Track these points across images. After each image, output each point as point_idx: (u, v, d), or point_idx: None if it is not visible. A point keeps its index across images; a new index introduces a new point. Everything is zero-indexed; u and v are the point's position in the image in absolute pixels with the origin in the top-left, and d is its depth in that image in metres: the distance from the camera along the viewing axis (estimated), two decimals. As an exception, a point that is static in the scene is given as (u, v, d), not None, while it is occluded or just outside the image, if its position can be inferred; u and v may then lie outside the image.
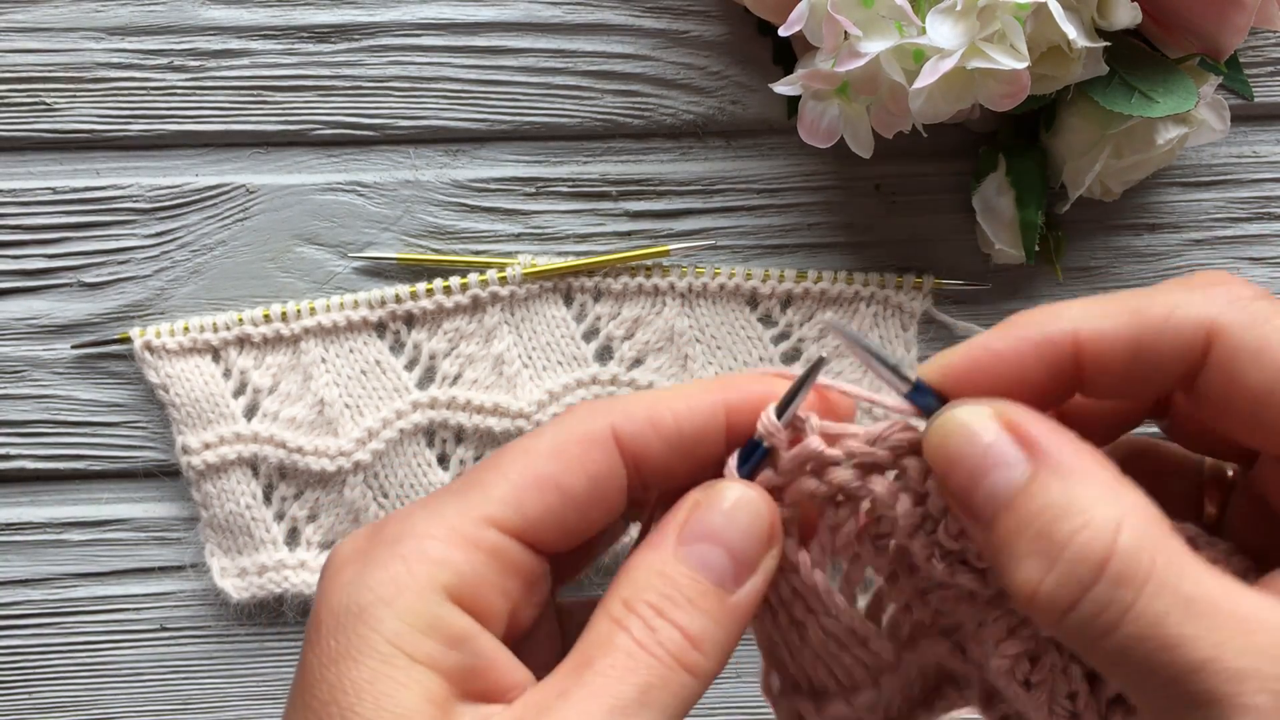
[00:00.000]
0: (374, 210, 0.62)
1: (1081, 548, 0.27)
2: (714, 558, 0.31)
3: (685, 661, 0.30)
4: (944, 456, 0.30)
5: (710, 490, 0.32)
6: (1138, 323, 0.29)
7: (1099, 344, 0.29)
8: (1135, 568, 0.26)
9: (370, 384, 0.62)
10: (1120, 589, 0.26)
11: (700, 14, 0.62)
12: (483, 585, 0.30)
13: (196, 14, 0.61)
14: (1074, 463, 0.28)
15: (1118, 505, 0.27)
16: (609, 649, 0.30)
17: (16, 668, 0.63)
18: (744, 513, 0.32)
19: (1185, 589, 0.26)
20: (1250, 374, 0.28)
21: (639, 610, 0.30)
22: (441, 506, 0.31)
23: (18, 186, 0.62)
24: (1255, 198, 0.64)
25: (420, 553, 0.30)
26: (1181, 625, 0.26)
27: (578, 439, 0.32)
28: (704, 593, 0.31)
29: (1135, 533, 0.27)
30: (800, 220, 0.63)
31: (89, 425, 0.63)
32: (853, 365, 0.63)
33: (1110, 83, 0.55)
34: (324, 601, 0.30)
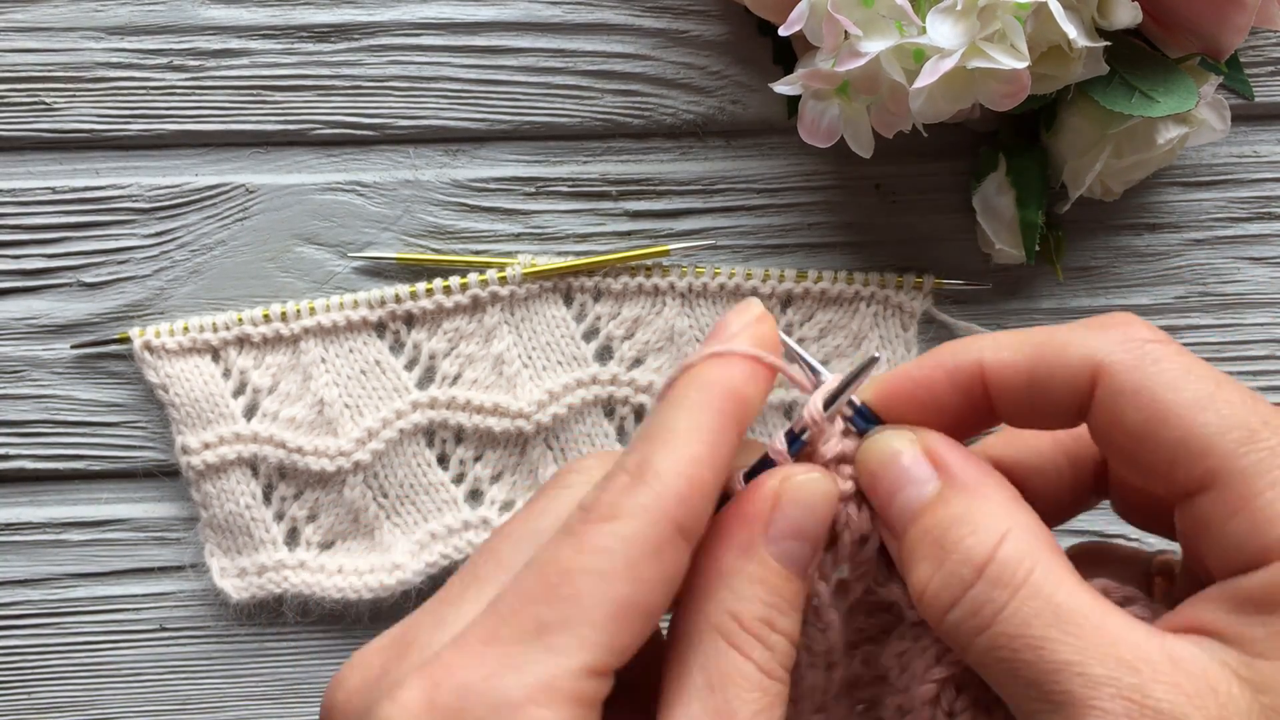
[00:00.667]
0: (374, 210, 0.62)
1: (966, 551, 0.29)
2: (800, 551, 0.31)
3: (791, 668, 0.31)
4: (869, 472, 0.32)
5: (788, 482, 0.32)
6: (1035, 356, 0.31)
7: (1000, 372, 0.31)
8: (1012, 573, 0.28)
9: (370, 384, 0.62)
10: (996, 590, 0.28)
11: (700, 14, 0.62)
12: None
13: (196, 14, 0.61)
14: (976, 483, 0.31)
15: (1007, 520, 0.29)
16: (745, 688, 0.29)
17: (16, 668, 0.63)
18: (823, 501, 0.32)
19: (1058, 599, 0.28)
20: (1128, 413, 0.29)
21: (754, 629, 0.30)
22: (526, 662, 0.27)
23: (17, 186, 0.62)
24: (1255, 198, 0.64)
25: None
26: (1048, 629, 0.27)
27: (648, 553, 0.29)
28: (796, 590, 0.31)
29: (1017, 544, 0.29)
30: (800, 220, 0.63)
31: (89, 425, 0.63)
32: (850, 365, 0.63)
33: (1110, 82, 0.55)
34: None
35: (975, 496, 0.30)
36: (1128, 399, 0.29)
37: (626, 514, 0.29)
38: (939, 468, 0.31)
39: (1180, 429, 0.28)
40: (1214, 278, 0.64)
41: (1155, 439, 0.29)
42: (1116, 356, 0.30)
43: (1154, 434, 0.29)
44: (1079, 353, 0.30)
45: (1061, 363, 0.30)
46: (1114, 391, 0.29)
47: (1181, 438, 0.28)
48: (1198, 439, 0.28)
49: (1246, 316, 0.64)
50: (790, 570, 0.31)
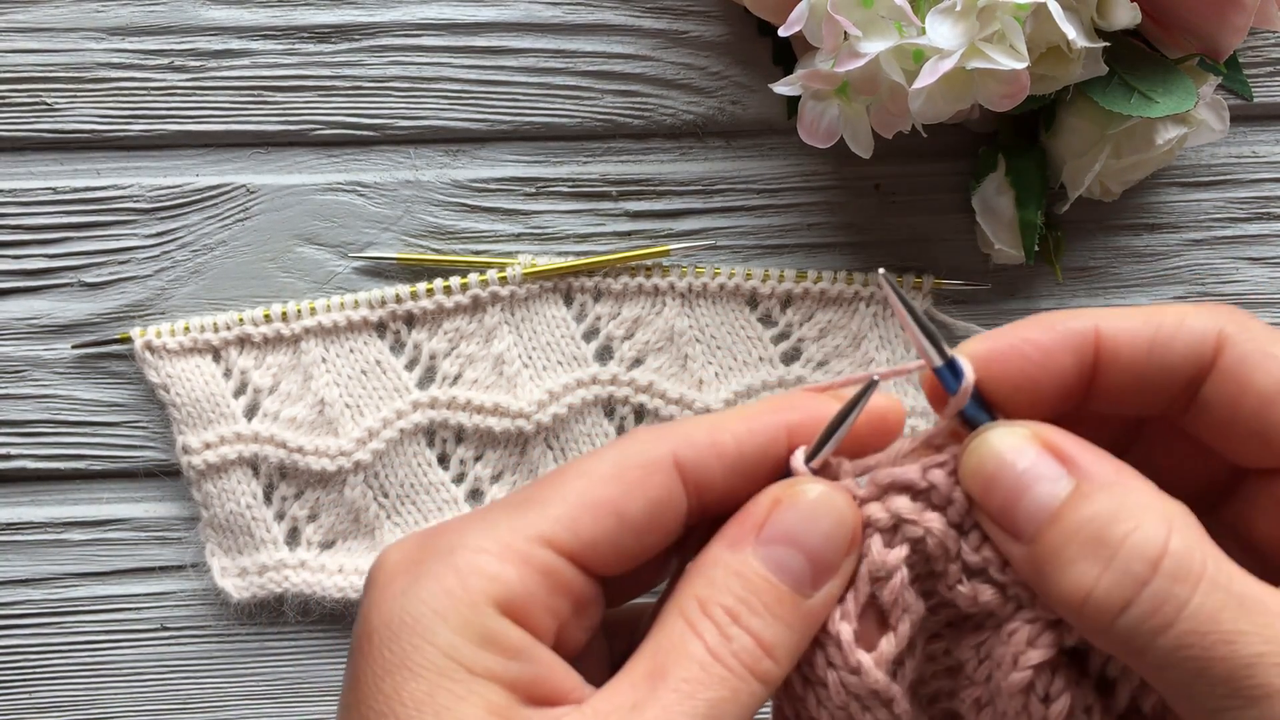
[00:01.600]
0: (374, 210, 0.62)
1: (1135, 546, 0.27)
2: (793, 562, 0.31)
3: (757, 671, 0.30)
4: (982, 477, 0.30)
5: (792, 489, 0.31)
6: (1154, 324, 0.30)
7: (1119, 339, 0.30)
8: (1189, 566, 0.27)
9: (370, 384, 0.62)
10: (1177, 584, 0.27)
11: (700, 14, 0.62)
12: (533, 602, 0.30)
13: (197, 14, 0.61)
14: (1116, 475, 0.29)
15: (1166, 509, 0.28)
16: (682, 658, 0.29)
17: (16, 668, 0.63)
18: (826, 514, 0.31)
19: (1236, 588, 0.27)
20: (1257, 377, 0.29)
21: (714, 614, 0.30)
22: (496, 521, 0.31)
23: (18, 186, 0.62)
24: (1255, 198, 0.64)
25: (473, 566, 0.29)
26: (1236, 621, 0.26)
27: (639, 464, 0.31)
28: (781, 599, 0.30)
29: (1185, 534, 0.27)
30: (800, 220, 0.63)
31: (89, 425, 0.63)
32: (850, 365, 0.63)
33: (1110, 83, 0.55)
34: (374, 610, 0.30)
35: (1120, 488, 0.28)
36: (1256, 362, 0.29)
37: (637, 436, 0.32)
38: (1067, 463, 0.29)
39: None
40: (1213, 278, 0.64)
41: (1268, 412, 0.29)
42: (1235, 328, 0.30)
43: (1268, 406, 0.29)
44: (1201, 323, 0.30)
45: (1184, 330, 0.30)
46: (1241, 355, 0.29)
47: None
48: None
49: (1245, 316, 0.64)
50: (778, 577, 0.30)
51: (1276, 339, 0.30)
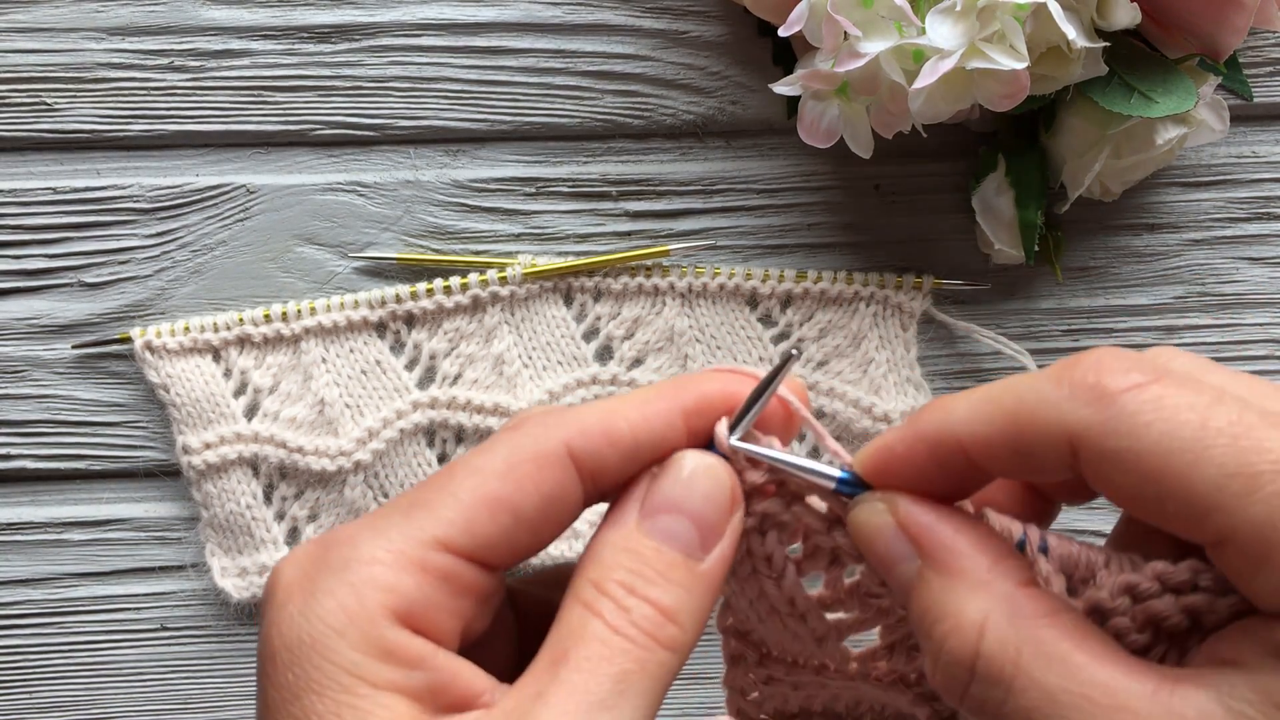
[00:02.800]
0: (374, 210, 0.62)
1: (951, 652, 0.29)
2: (679, 527, 0.31)
3: (661, 638, 0.30)
4: (861, 546, 0.32)
5: (667, 462, 0.32)
6: (1011, 431, 0.29)
7: (980, 446, 0.30)
8: (1000, 667, 0.28)
9: (370, 384, 0.62)
10: (991, 688, 0.28)
11: (700, 14, 0.62)
12: (432, 608, 0.30)
13: (197, 14, 0.61)
14: (950, 558, 0.30)
15: (986, 602, 0.29)
16: (582, 638, 0.30)
17: (16, 668, 0.63)
18: (703, 479, 0.32)
19: (1050, 683, 0.27)
20: (1116, 479, 0.27)
21: (610, 591, 0.30)
22: (387, 528, 0.30)
23: (18, 186, 0.62)
24: (1255, 198, 0.64)
25: (368, 579, 0.29)
26: (1049, 718, 0.27)
27: (531, 457, 0.31)
28: (673, 564, 0.31)
29: (998, 631, 0.28)
30: (800, 220, 0.63)
31: (89, 425, 0.63)
32: (850, 365, 0.63)
33: (1110, 83, 0.55)
34: (274, 631, 0.30)
35: (950, 576, 0.29)
36: (1111, 464, 0.27)
37: (527, 427, 0.31)
38: (915, 541, 0.30)
39: (1176, 488, 0.26)
40: (1213, 278, 0.64)
41: (1153, 501, 0.27)
42: (1088, 420, 0.27)
43: (1151, 496, 0.27)
44: (1051, 420, 0.28)
45: (1038, 437, 0.28)
46: (1096, 458, 0.27)
47: (1182, 499, 0.26)
48: (1199, 499, 0.26)
49: (1245, 316, 0.64)
50: (667, 545, 0.31)
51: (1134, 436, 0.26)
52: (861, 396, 0.62)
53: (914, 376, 0.62)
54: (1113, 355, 0.28)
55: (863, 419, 0.62)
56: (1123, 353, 0.28)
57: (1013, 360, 0.62)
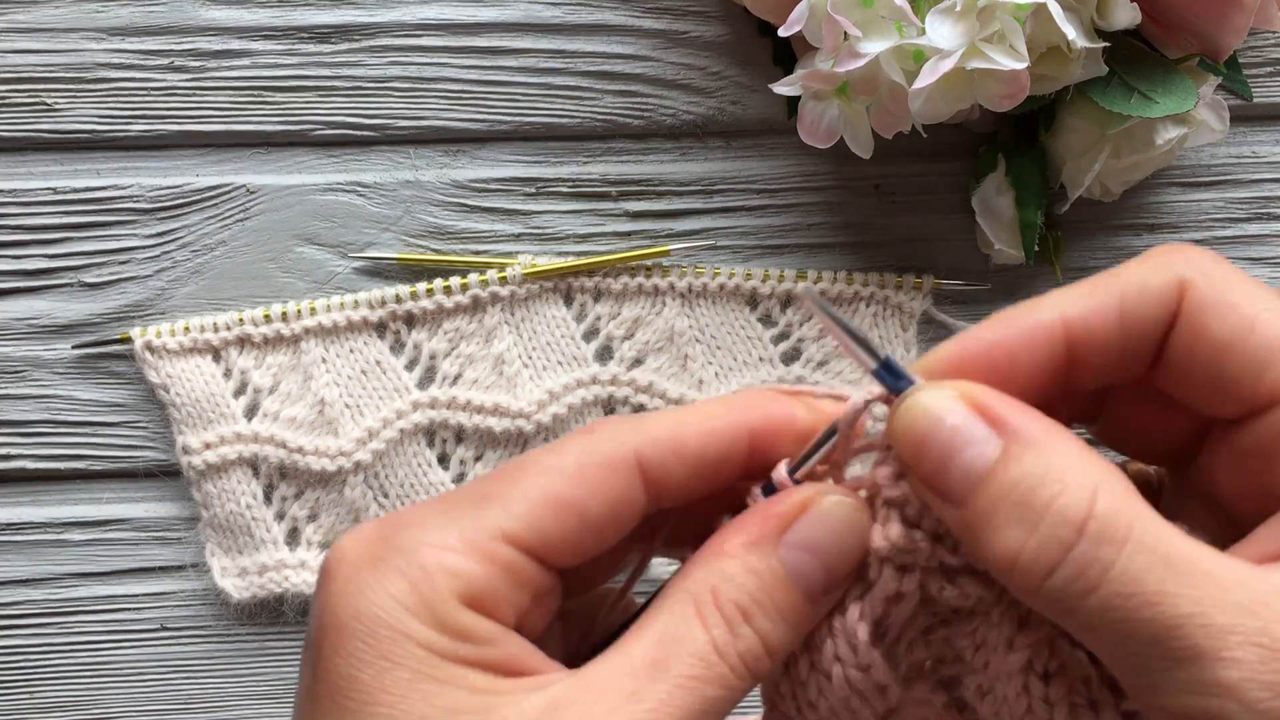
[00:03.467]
0: (374, 210, 0.62)
1: (1061, 510, 0.27)
2: (811, 569, 0.31)
3: (758, 671, 0.30)
4: (910, 441, 0.30)
5: (820, 497, 0.31)
6: (1118, 295, 0.30)
7: (1087, 324, 0.30)
8: (1114, 527, 0.27)
9: (370, 384, 0.62)
10: (1102, 547, 0.27)
11: (700, 14, 0.62)
12: (495, 596, 0.30)
13: (197, 14, 0.61)
14: (1044, 436, 0.28)
15: (1092, 472, 0.28)
16: (686, 652, 0.29)
17: (16, 668, 0.63)
18: (850, 529, 0.31)
19: (1164, 549, 0.27)
20: (1213, 325, 0.29)
21: (724, 608, 0.30)
22: (458, 516, 0.31)
23: (18, 186, 0.62)
24: (1255, 198, 0.64)
25: (439, 564, 0.30)
26: (1162, 582, 0.26)
27: (601, 463, 0.31)
28: (793, 604, 0.31)
29: (1112, 496, 0.27)
30: (800, 220, 0.63)
31: (89, 425, 0.63)
32: (850, 365, 0.63)
33: (1110, 83, 0.55)
34: (340, 603, 0.30)
35: (1048, 450, 0.28)
36: (1213, 310, 0.29)
37: (600, 432, 0.32)
38: (995, 424, 0.29)
39: (1267, 335, 0.28)
40: (1213, 278, 0.64)
41: (1242, 346, 0.28)
42: (1195, 273, 0.29)
43: (1241, 341, 0.28)
44: (1161, 276, 0.30)
45: (1147, 291, 0.30)
46: (1199, 305, 0.29)
47: (1268, 344, 0.28)
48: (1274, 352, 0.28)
49: (1245, 316, 0.64)
50: (793, 581, 0.31)
51: (1234, 285, 0.29)
52: (861, 396, 0.62)
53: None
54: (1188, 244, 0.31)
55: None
56: None
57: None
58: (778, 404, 0.33)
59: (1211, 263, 0.30)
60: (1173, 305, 0.29)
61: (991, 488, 0.28)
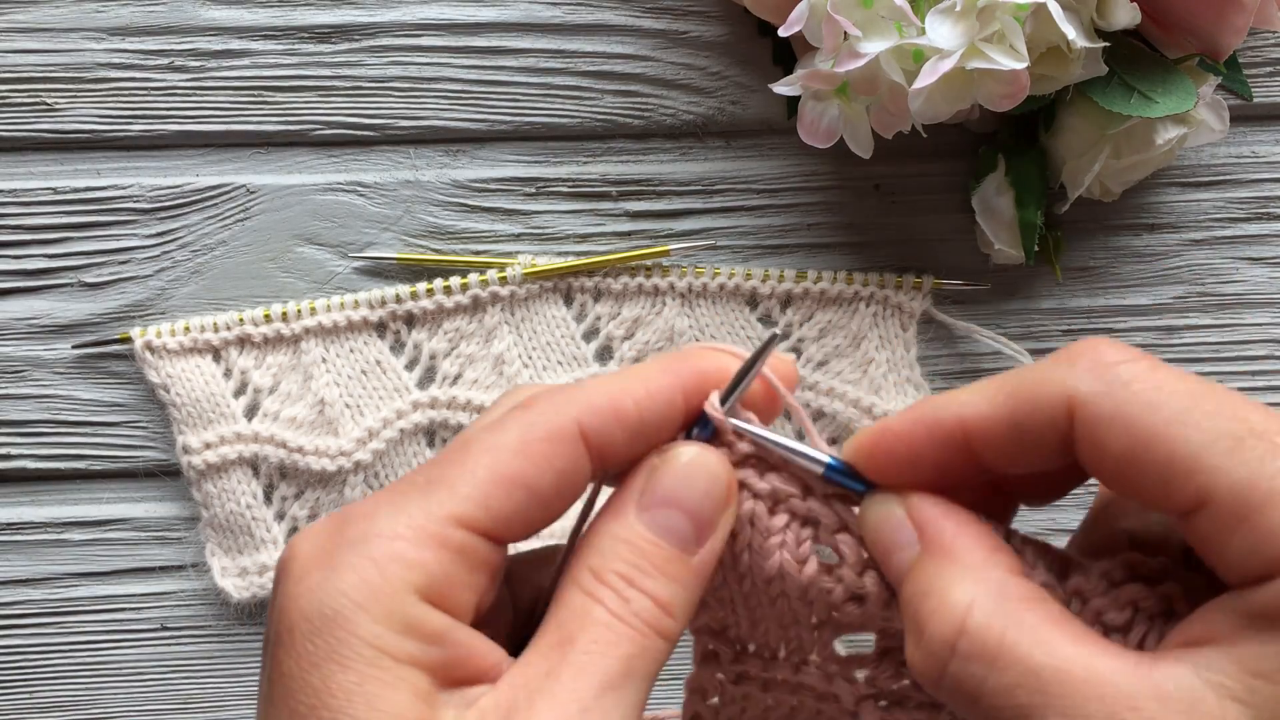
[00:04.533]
0: (374, 210, 0.62)
1: (936, 627, 0.29)
2: (675, 522, 0.32)
3: (659, 628, 0.31)
4: (868, 537, 0.33)
5: (666, 454, 0.33)
6: (1011, 403, 0.30)
7: (981, 425, 0.31)
8: (984, 644, 0.28)
9: (370, 384, 0.62)
10: (972, 664, 0.28)
11: (700, 14, 0.62)
12: (451, 583, 0.30)
13: (197, 14, 0.61)
14: (950, 544, 0.31)
15: (976, 586, 0.29)
16: (587, 623, 0.31)
17: (16, 668, 0.63)
18: (701, 475, 0.33)
19: (1035, 660, 0.28)
20: (1109, 442, 0.28)
21: (609, 581, 0.31)
22: (406, 504, 0.31)
23: (18, 186, 0.62)
24: (1254, 198, 0.64)
25: (390, 554, 0.30)
26: (1032, 695, 0.27)
27: (544, 435, 0.32)
28: (669, 558, 0.32)
29: (984, 611, 0.29)
30: (800, 220, 0.63)
31: (90, 425, 0.63)
32: (850, 365, 0.63)
33: (1109, 83, 0.55)
34: (292, 603, 0.30)
35: (945, 560, 0.30)
36: (1105, 427, 0.28)
37: (539, 405, 0.32)
38: (919, 528, 0.31)
39: (1164, 449, 0.27)
40: (1213, 278, 0.64)
41: (1141, 463, 0.28)
42: (1087, 386, 0.29)
43: (1139, 458, 0.28)
44: (1052, 390, 0.29)
45: (1037, 404, 0.30)
46: (1091, 422, 0.29)
47: (1167, 458, 0.27)
48: (1183, 458, 0.27)
49: (1245, 316, 0.64)
50: (664, 539, 0.32)
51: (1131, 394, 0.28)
52: (861, 396, 0.62)
53: (914, 376, 0.62)
54: (1108, 340, 0.30)
55: (863, 419, 0.62)
56: (1117, 341, 0.30)
57: (1013, 360, 0.62)
58: (705, 359, 0.34)
59: (1111, 370, 0.29)
60: (1062, 420, 0.29)
61: (904, 591, 0.31)
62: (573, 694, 0.29)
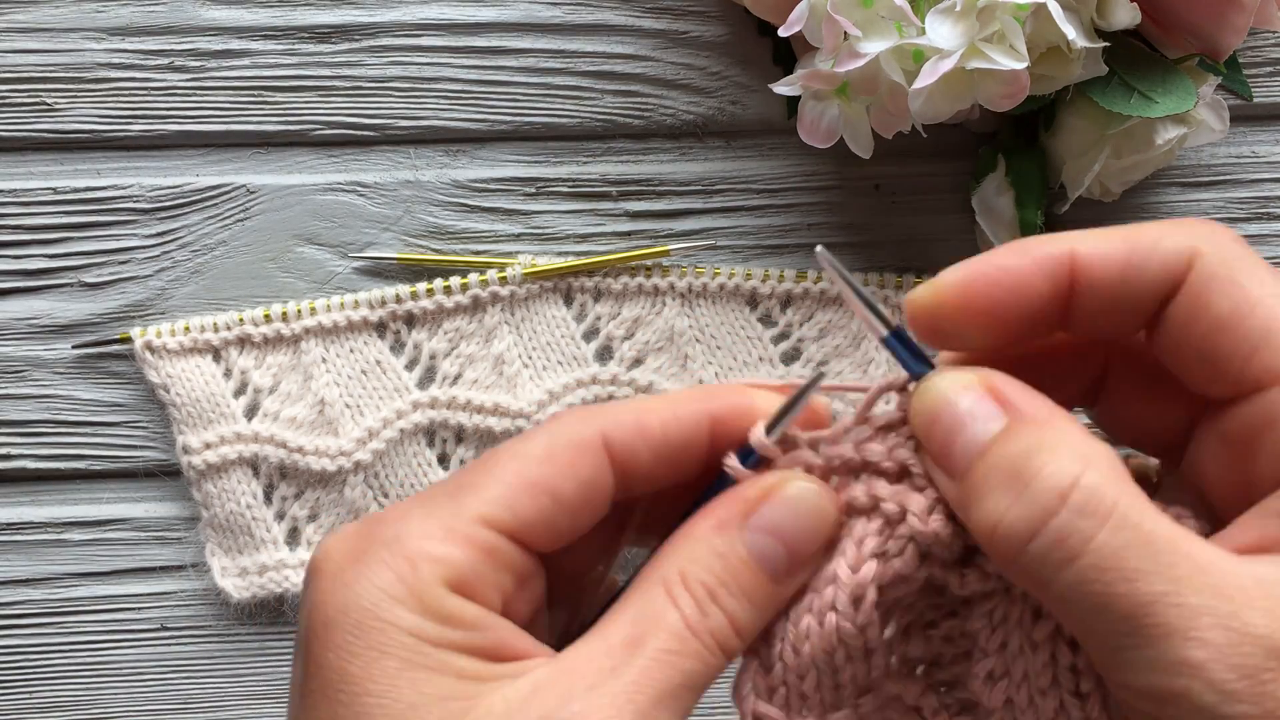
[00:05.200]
0: (374, 210, 0.62)
1: (1047, 478, 0.28)
2: (774, 551, 0.32)
3: (726, 648, 0.31)
4: (926, 417, 0.31)
5: (782, 481, 0.33)
6: (1130, 244, 0.30)
7: (1094, 261, 0.30)
8: (1098, 501, 0.27)
9: (370, 384, 0.62)
10: (1084, 518, 0.27)
11: (700, 14, 0.62)
12: (479, 580, 0.31)
13: (197, 14, 0.61)
14: (1046, 415, 0.29)
15: (1085, 449, 0.28)
16: (661, 627, 0.31)
17: (16, 668, 0.63)
18: (811, 512, 0.32)
19: (1146, 528, 0.27)
20: (1216, 299, 0.29)
21: (693, 589, 0.31)
22: (435, 507, 0.32)
23: (18, 186, 0.62)
24: (1254, 198, 0.64)
25: (421, 551, 0.31)
26: (1140, 559, 0.27)
27: (569, 444, 0.32)
28: (758, 585, 0.32)
29: (1100, 472, 0.28)
30: (800, 220, 0.63)
31: (90, 425, 0.63)
32: (850, 365, 0.63)
33: (1109, 83, 0.55)
34: (328, 599, 0.31)
35: (1048, 428, 0.29)
36: (1218, 285, 0.29)
37: (566, 418, 0.33)
38: (1003, 404, 0.30)
39: (1266, 318, 0.29)
40: (1213, 278, 0.64)
41: (1238, 327, 0.29)
42: (1209, 246, 0.30)
43: (1239, 321, 0.29)
44: (1175, 240, 0.30)
45: (1158, 249, 0.30)
46: (1206, 276, 0.29)
47: (1265, 327, 0.28)
48: (1267, 334, 0.28)
49: (1245, 316, 0.64)
50: (759, 564, 0.32)
51: (1246, 265, 0.29)
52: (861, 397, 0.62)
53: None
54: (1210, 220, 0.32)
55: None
56: None
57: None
58: (737, 394, 0.34)
59: (1230, 240, 0.30)
60: (1179, 269, 0.30)
61: (988, 459, 0.29)
62: (630, 699, 0.29)
